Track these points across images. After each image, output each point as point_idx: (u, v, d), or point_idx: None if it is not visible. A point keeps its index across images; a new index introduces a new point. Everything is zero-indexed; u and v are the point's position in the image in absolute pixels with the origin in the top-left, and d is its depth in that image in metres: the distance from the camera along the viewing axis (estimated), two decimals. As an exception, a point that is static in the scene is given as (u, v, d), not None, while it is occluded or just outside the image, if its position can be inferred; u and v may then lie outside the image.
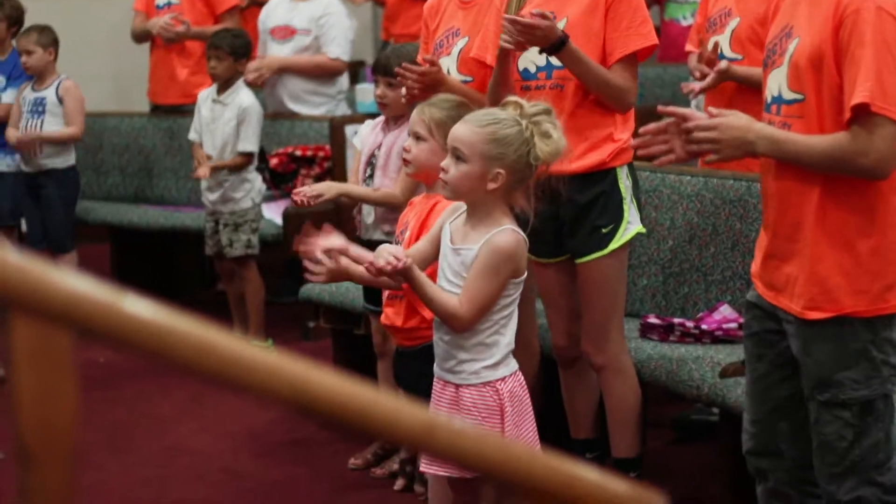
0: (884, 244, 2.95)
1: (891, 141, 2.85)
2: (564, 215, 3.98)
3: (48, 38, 6.37)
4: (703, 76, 4.56)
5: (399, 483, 4.57)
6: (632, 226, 4.01)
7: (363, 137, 4.66)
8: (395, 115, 4.53)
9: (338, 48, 6.80)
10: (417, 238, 3.61)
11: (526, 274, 3.32)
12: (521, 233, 3.28)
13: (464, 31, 4.22)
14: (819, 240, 2.96)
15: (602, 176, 3.97)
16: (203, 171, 5.92)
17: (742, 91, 4.49)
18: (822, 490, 3.07)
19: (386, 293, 3.82)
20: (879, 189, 2.95)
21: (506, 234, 3.24)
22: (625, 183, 4.00)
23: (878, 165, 2.88)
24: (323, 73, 6.82)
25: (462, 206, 3.36)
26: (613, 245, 3.99)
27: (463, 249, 3.29)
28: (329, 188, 4.57)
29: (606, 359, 4.05)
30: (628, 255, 4.16)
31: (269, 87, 6.89)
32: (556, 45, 3.79)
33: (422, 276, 3.28)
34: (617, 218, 3.98)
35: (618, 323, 4.07)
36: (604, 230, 3.98)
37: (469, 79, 4.18)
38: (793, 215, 3.00)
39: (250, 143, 6.00)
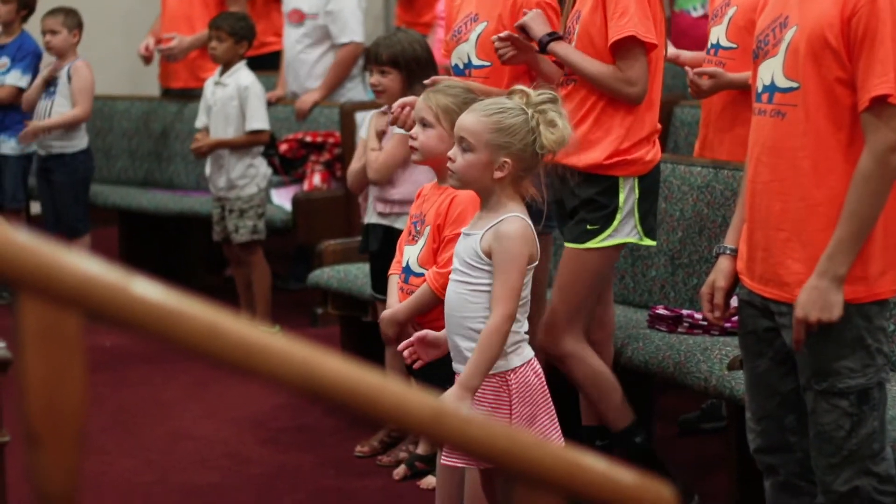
0: (881, 230, 2.95)
1: None
2: (568, 205, 4.04)
3: (74, 21, 6.45)
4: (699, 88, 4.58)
5: (399, 472, 4.55)
6: (618, 235, 3.99)
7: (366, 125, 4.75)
8: (393, 103, 4.52)
9: (350, 32, 6.82)
10: (439, 231, 3.65)
11: (537, 261, 3.31)
12: (528, 219, 3.27)
13: (482, 17, 4.20)
14: (827, 227, 2.96)
15: (603, 180, 3.97)
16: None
17: (736, 97, 4.45)
18: (817, 480, 3.07)
19: (398, 283, 3.82)
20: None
21: (510, 221, 3.23)
22: (626, 195, 3.98)
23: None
24: (348, 65, 6.84)
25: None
26: (591, 244, 3.98)
27: (472, 234, 3.29)
28: None
29: (561, 351, 4.03)
30: (616, 258, 4.12)
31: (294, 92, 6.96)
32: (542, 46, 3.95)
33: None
34: (605, 223, 3.98)
35: (577, 320, 4.03)
36: (589, 227, 3.99)
37: (487, 63, 4.17)
38: (799, 204, 2.99)
39: (258, 121, 5.98)
